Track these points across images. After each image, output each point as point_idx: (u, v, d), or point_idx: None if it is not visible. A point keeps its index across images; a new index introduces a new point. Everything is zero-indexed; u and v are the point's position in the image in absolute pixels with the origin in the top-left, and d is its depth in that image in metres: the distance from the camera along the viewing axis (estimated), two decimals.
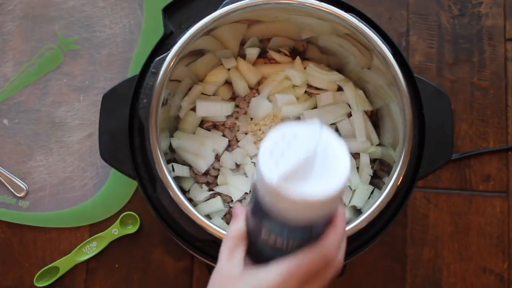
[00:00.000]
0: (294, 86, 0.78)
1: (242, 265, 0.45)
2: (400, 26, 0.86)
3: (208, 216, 0.73)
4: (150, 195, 0.63)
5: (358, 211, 0.72)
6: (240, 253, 0.46)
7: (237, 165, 0.76)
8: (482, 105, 0.84)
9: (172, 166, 0.71)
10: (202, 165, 0.74)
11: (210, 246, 0.62)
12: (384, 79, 0.68)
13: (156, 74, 0.64)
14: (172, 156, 0.74)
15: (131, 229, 0.78)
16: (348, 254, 0.63)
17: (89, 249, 0.78)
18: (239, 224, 0.48)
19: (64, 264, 0.78)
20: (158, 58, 0.65)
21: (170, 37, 0.67)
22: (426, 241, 0.80)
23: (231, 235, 0.47)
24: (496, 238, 0.80)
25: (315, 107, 0.77)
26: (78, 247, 0.78)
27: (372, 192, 0.73)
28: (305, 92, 0.78)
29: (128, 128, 0.64)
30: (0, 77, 0.84)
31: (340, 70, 0.78)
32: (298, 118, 0.77)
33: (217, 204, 0.73)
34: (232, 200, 0.74)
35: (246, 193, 0.74)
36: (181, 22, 0.68)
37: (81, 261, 0.78)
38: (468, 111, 0.84)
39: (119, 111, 0.65)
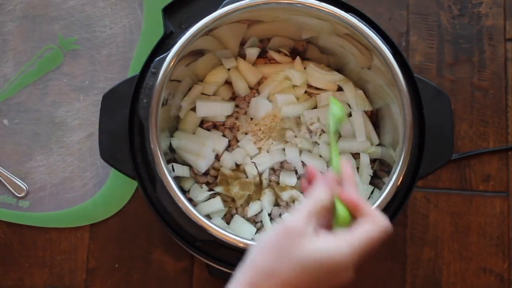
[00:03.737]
0: (294, 86, 0.78)
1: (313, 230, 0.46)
2: (400, 26, 0.86)
3: (208, 216, 0.73)
4: (150, 195, 0.63)
5: None
6: (316, 221, 0.46)
7: (237, 165, 0.76)
8: (482, 105, 0.84)
9: (172, 166, 0.71)
10: (202, 165, 0.74)
11: (210, 246, 0.62)
12: (384, 79, 0.68)
13: (156, 74, 0.64)
14: (172, 156, 0.74)
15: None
16: None
17: None
18: (328, 195, 0.47)
19: None
20: (158, 58, 0.65)
21: (170, 37, 0.67)
22: (426, 241, 0.80)
23: (321, 203, 0.47)
24: (496, 238, 0.80)
25: (315, 107, 0.77)
26: None
27: (372, 192, 0.73)
28: (305, 92, 0.78)
29: (128, 128, 0.64)
30: (0, 77, 0.84)
31: (340, 70, 0.78)
32: (298, 118, 0.77)
33: (217, 204, 0.73)
34: (233, 200, 0.74)
35: (249, 194, 0.74)
36: (181, 22, 0.68)
37: None
38: (468, 111, 0.84)
39: (119, 111, 0.65)
